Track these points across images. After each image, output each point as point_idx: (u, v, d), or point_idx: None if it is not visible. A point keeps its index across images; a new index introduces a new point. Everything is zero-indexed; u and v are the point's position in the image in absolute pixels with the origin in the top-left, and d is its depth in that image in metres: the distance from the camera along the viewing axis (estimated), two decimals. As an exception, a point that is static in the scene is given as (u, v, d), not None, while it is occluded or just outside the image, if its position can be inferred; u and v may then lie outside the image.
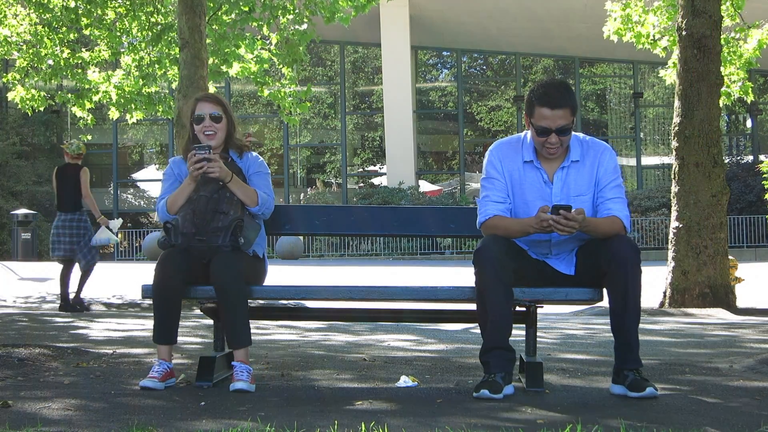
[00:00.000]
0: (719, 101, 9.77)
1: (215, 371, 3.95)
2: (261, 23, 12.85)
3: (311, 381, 4.09)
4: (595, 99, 30.99)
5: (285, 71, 13.82)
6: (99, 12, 13.12)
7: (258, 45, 13.26)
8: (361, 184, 30.14)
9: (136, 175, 32.77)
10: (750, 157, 27.62)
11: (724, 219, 9.56)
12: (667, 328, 7.48)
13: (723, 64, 11.24)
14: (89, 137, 21.83)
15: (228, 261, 3.88)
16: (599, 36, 13.37)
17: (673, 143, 9.79)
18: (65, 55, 13.62)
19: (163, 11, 13.32)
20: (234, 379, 3.76)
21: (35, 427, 2.89)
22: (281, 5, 12.82)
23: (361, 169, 31.18)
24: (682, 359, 4.92)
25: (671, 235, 9.70)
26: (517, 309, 3.97)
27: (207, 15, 11.01)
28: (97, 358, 4.86)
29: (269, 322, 7.28)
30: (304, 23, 12.89)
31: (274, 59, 13.52)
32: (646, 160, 29.67)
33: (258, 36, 13.43)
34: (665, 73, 13.56)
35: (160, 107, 13.83)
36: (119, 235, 9.55)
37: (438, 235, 9.54)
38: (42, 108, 14.22)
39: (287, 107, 14.07)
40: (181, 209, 4.02)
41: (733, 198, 21.70)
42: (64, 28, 13.51)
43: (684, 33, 9.68)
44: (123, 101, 13.73)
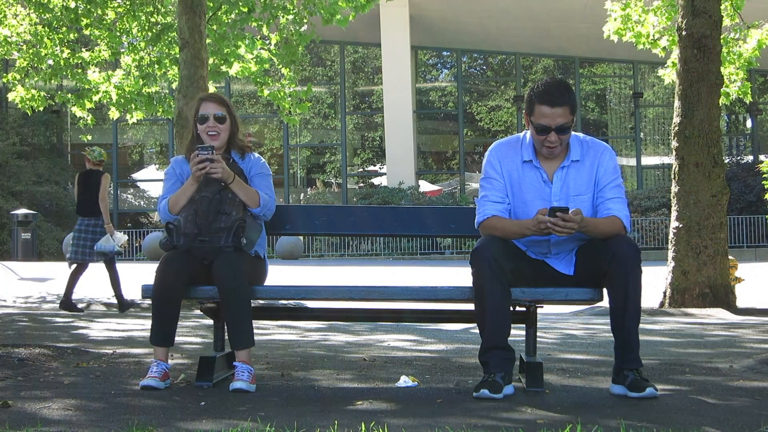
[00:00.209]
0: (719, 101, 9.77)
1: (215, 371, 3.95)
2: (260, 23, 12.85)
3: (311, 381, 4.09)
4: (595, 99, 30.99)
5: (284, 71, 13.83)
6: (99, 12, 13.12)
7: (258, 45, 13.26)
8: (361, 184, 30.14)
9: (136, 175, 32.77)
10: (750, 157, 27.62)
11: (724, 219, 9.56)
12: (667, 328, 7.48)
13: (722, 64, 11.23)
14: (89, 137, 21.85)
15: (231, 262, 3.88)
16: (599, 36, 13.37)
17: (673, 143, 9.79)
18: (65, 55, 13.61)
19: (163, 11, 13.32)
20: (235, 379, 3.76)
21: (35, 427, 2.89)
22: (281, 5, 12.83)
23: (361, 169, 31.18)
24: (682, 359, 4.92)
25: (671, 235, 9.70)
26: (517, 309, 3.97)
27: (207, 15, 11.01)
28: (97, 358, 4.86)
29: (269, 322, 7.28)
30: (304, 24, 12.90)
31: (273, 59, 13.52)
32: (646, 160, 29.67)
33: (257, 36, 13.44)
34: (664, 73, 13.57)
35: (160, 107, 13.83)
36: (122, 247, 9.59)
37: (438, 235, 9.54)
38: (42, 108, 14.22)
39: (287, 107, 14.07)
40: (183, 209, 4.02)
41: (733, 198, 21.69)
42: (64, 28, 13.50)
43: (684, 33, 9.68)
44: (123, 101, 13.73)
